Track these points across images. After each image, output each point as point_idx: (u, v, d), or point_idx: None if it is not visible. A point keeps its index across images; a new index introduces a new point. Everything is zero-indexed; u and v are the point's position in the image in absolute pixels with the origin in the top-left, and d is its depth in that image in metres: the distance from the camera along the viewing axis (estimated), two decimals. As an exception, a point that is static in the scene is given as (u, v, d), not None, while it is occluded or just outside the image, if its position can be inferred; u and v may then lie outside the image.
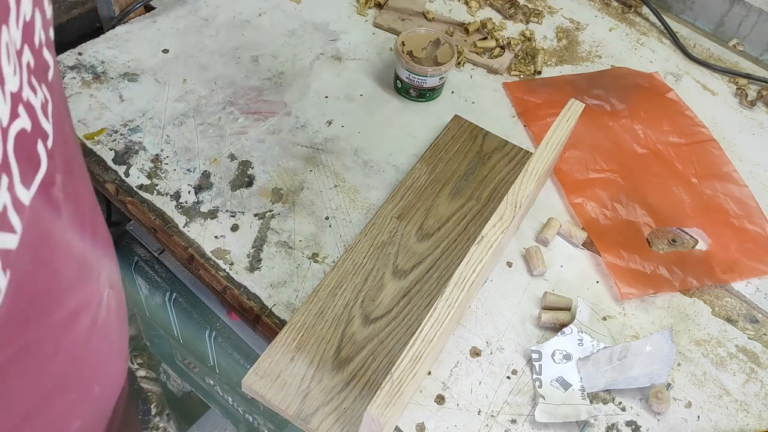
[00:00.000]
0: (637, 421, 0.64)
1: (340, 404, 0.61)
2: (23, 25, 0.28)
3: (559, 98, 0.90)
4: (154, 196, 0.75)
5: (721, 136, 0.90)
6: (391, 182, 0.79)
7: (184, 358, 1.05)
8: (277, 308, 0.68)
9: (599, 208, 0.79)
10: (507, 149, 0.83)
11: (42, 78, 0.31)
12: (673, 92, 0.94)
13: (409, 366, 0.54)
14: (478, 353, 0.67)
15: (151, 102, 0.83)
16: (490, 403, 0.64)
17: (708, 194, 0.83)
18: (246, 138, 0.81)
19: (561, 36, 1.01)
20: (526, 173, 0.67)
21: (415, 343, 0.55)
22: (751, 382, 0.68)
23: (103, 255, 0.43)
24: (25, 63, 0.28)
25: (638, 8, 1.07)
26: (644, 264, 0.74)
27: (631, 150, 0.87)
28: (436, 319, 0.57)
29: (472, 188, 0.79)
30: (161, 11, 0.95)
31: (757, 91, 0.97)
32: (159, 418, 1.48)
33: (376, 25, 0.98)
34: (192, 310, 0.84)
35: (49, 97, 0.32)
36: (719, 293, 0.75)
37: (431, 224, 0.75)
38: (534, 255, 0.73)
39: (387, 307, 0.68)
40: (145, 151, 0.78)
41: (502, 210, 0.64)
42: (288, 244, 0.73)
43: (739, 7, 1.01)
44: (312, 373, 0.63)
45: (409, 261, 0.72)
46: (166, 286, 0.85)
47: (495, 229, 0.63)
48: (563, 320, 0.69)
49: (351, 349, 0.65)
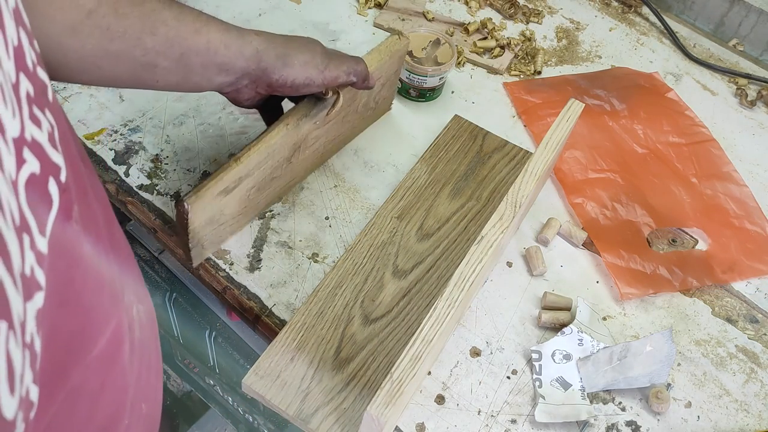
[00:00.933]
0: (637, 421, 0.64)
1: (340, 404, 0.61)
2: (14, 52, 0.26)
3: (559, 98, 0.90)
4: (154, 196, 0.75)
5: (721, 136, 0.90)
6: (391, 182, 0.79)
7: (184, 358, 1.05)
8: (277, 308, 0.68)
9: (599, 208, 0.79)
10: (507, 149, 0.83)
11: (43, 102, 0.29)
12: (673, 92, 0.94)
13: (409, 366, 0.54)
14: (478, 353, 0.67)
15: (151, 102, 0.83)
16: (490, 403, 0.64)
17: (708, 194, 0.83)
18: (246, 138, 0.81)
19: (561, 36, 1.01)
20: (526, 173, 0.67)
21: (415, 343, 0.55)
22: (751, 382, 0.68)
23: (126, 271, 0.41)
24: (24, 95, 0.27)
25: (638, 8, 1.07)
26: (644, 264, 0.74)
27: (631, 150, 0.87)
28: (436, 319, 0.56)
29: (472, 188, 0.79)
30: (161, 11, 0.95)
31: (757, 91, 0.97)
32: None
33: (376, 25, 0.98)
34: (192, 310, 0.84)
35: (53, 121, 0.30)
36: (719, 293, 0.75)
37: (431, 224, 0.75)
38: (534, 255, 0.73)
39: (387, 307, 0.68)
40: (145, 151, 0.78)
41: (502, 210, 0.64)
42: (288, 244, 0.73)
43: (739, 7, 1.01)
44: (312, 373, 0.63)
45: (409, 261, 0.72)
46: (166, 286, 0.85)
47: (495, 229, 0.63)
48: (563, 320, 0.69)
49: (351, 349, 0.65)
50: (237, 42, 0.59)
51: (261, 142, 0.65)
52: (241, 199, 0.68)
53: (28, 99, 0.27)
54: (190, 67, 0.57)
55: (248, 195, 0.68)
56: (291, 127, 0.67)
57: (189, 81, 0.58)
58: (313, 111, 0.69)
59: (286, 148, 0.68)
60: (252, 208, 0.72)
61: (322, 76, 0.63)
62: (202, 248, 0.69)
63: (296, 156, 0.72)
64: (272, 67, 0.60)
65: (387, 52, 0.75)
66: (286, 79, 0.61)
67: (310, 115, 0.68)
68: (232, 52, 0.58)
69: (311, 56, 0.62)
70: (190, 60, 0.56)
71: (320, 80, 0.63)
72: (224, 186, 0.63)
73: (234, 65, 0.59)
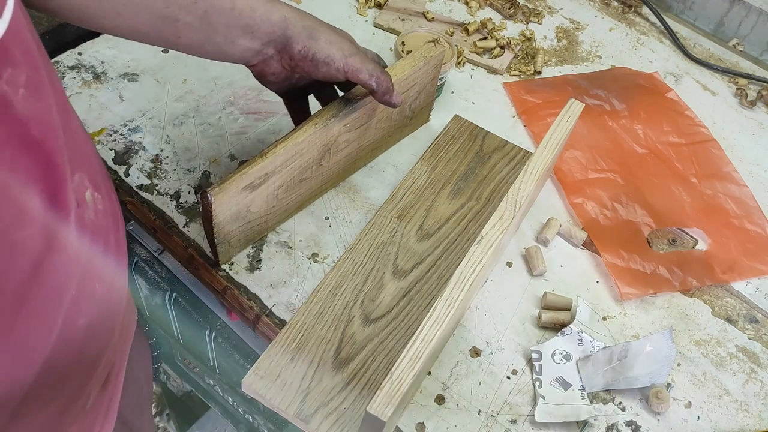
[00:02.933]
0: (637, 421, 0.64)
1: (340, 404, 0.61)
2: None
3: (559, 98, 0.90)
4: (154, 196, 0.75)
5: (721, 136, 0.90)
6: (391, 182, 0.79)
7: (184, 358, 1.05)
8: (277, 308, 0.68)
9: (599, 208, 0.79)
10: (507, 149, 0.83)
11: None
12: (673, 92, 0.94)
13: (408, 366, 0.54)
14: (478, 353, 0.67)
15: (151, 102, 0.83)
16: (490, 403, 0.64)
17: (708, 194, 0.83)
18: (246, 138, 0.81)
19: (561, 36, 1.01)
20: (526, 173, 0.67)
21: (414, 343, 0.55)
22: (751, 382, 0.68)
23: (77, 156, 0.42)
24: None
25: (638, 8, 1.07)
26: (644, 264, 0.74)
27: (631, 150, 0.87)
28: (435, 319, 0.56)
29: (472, 188, 0.79)
30: (161, 11, 0.95)
31: (757, 91, 0.97)
32: (159, 418, 1.48)
33: (376, 25, 0.98)
34: (192, 310, 0.84)
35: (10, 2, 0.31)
36: (719, 293, 0.75)
37: (431, 224, 0.75)
38: (534, 255, 0.73)
39: (387, 307, 0.68)
40: (145, 151, 0.78)
41: (502, 210, 0.64)
42: (288, 244, 0.73)
43: (739, 7, 1.01)
44: (312, 373, 0.63)
45: (409, 261, 0.72)
46: (166, 286, 0.85)
47: (495, 229, 0.62)
48: (563, 320, 0.69)
49: (351, 349, 0.65)
50: (265, 6, 0.59)
51: (288, 140, 0.65)
52: (268, 197, 0.68)
53: None
54: (214, 27, 0.57)
55: (276, 194, 0.68)
56: (319, 127, 0.67)
57: (211, 41, 0.58)
58: (343, 112, 0.69)
59: (315, 148, 0.68)
60: (281, 209, 0.71)
61: (344, 62, 0.63)
62: (229, 245, 0.68)
63: (327, 159, 0.72)
64: (297, 37, 0.60)
65: (421, 58, 0.74)
66: (308, 51, 0.61)
67: (340, 116, 0.68)
68: (258, 15, 0.58)
69: (338, 39, 0.63)
70: (214, 18, 0.56)
71: (341, 64, 0.62)
72: (249, 181, 0.63)
73: (259, 28, 0.59)
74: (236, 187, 0.63)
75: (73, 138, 0.42)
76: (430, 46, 0.76)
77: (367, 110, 0.72)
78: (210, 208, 0.61)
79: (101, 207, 0.45)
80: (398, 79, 0.72)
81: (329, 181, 0.76)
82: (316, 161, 0.70)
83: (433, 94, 0.82)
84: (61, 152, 0.38)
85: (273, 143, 0.65)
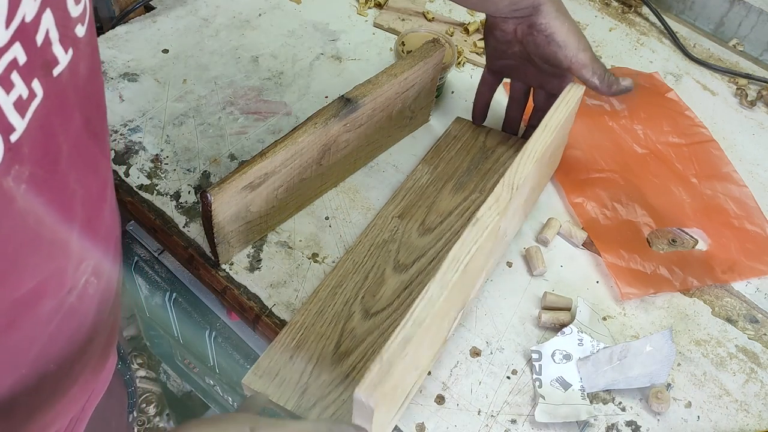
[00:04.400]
0: (637, 421, 0.64)
1: (338, 396, 0.61)
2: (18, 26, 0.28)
3: (559, 98, 0.90)
4: (154, 196, 0.75)
5: (721, 137, 0.90)
6: (391, 182, 0.79)
7: (184, 358, 1.05)
8: (277, 308, 0.68)
9: (599, 208, 0.79)
10: (511, 142, 0.83)
11: (36, 74, 0.31)
12: (673, 92, 0.94)
13: (399, 347, 0.51)
14: (478, 353, 0.67)
15: (151, 102, 0.83)
16: (490, 403, 0.64)
17: (708, 194, 0.83)
18: (246, 138, 0.81)
19: (561, 36, 1.01)
20: (524, 154, 0.65)
21: (405, 325, 0.52)
22: (751, 382, 0.68)
23: (92, 247, 0.43)
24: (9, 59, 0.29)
25: (638, 8, 1.07)
26: (644, 264, 0.74)
27: (631, 150, 0.87)
28: (428, 301, 0.53)
29: (475, 181, 0.78)
30: (161, 11, 0.95)
31: (757, 91, 0.97)
32: (159, 418, 1.48)
33: (376, 25, 0.98)
34: (192, 310, 0.84)
35: (39, 92, 0.32)
36: (719, 293, 0.75)
37: (433, 219, 0.74)
38: (534, 255, 0.73)
39: (388, 300, 0.68)
40: (145, 151, 0.78)
41: (499, 192, 0.61)
42: (288, 244, 0.73)
43: (739, 7, 1.01)
44: (311, 369, 0.63)
45: (411, 255, 0.71)
46: (166, 286, 0.85)
47: (491, 211, 0.60)
48: (563, 320, 0.69)
49: (351, 342, 0.65)
50: None
51: (288, 139, 0.65)
52: (268, 197, 0.68)
53: (11, 64, 0.29)
54: None
55: (276, 194, 0.68)
56: (319, 127, 0.67)
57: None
58: (343, 112, 0.69)
59: (315, 148, 0.69)
60: (281, 209, 0.72)
61: (576, 53, 0.68)
62: (229, 245, 0.69)
63: (326, 159, 0.72)
64: (547, 11, 0.67)
65: (420, 57, 0.74)
66: (548, 28, 0.67)
67: (340, 116, 0.69)
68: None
69: (578, 32, 0.69)
70: None
71: (573, 53, 0.68)
72: (249, 181, 0.63)
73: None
74: (236, 187, 0.63)
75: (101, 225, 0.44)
76: (429, 45, 0.76)
77: (367, 110, 0.72)
78: (210, 208, 0.61)
79: (91, 291, 0.45)
80: (398, 79, 0.72)
81: (329, 181, 0.76)
82: (316, 161, 0.70)
83: (433, 94, 0.82)
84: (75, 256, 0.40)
85: (273, 143, 0.65)
